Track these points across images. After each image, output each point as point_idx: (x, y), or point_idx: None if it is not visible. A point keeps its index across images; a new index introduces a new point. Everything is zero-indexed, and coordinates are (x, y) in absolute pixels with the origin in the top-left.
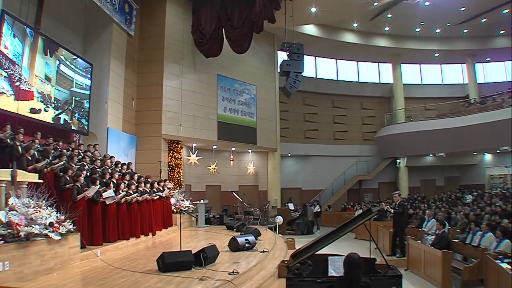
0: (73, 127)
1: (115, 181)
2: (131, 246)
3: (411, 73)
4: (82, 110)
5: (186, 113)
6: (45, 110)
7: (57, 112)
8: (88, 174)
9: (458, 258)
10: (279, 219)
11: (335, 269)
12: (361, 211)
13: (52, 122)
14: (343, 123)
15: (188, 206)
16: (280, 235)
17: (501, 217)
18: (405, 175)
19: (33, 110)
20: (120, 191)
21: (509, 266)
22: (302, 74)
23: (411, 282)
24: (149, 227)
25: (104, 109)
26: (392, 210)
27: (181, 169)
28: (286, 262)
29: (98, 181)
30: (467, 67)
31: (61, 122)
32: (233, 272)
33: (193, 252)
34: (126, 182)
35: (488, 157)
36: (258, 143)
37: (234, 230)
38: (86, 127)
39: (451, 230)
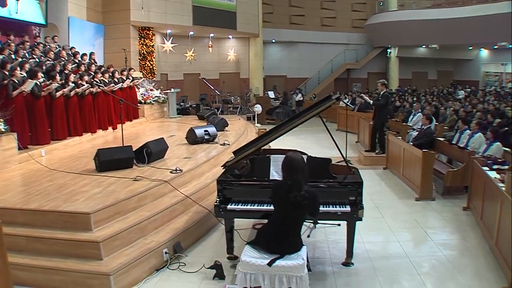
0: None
1: (67, 72)
2: (86, 143)
3: None
4: None
5: None
6: None
7: None
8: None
9: (443, 159)
10: (258, 108)
11: (278, 172)
12: (346, 100)
13: None
14: (331, 9)
15: (158, 96)
16: (259, 124)
17: (493, 116)
18: (395, 66)
19: None
20: (70, 83)
21: (497, 176)
22: None
23: (387, 183)
24: (108, 121)
25: None
26: (372, 101)
27: (154, 57)
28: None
29: (39, 74)
30: None
31: None
32: (175, 170)
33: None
34: (79, 73)
35: (484, 52)
36: (238, 28)
37: (206, 120)
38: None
39: (438, 126)
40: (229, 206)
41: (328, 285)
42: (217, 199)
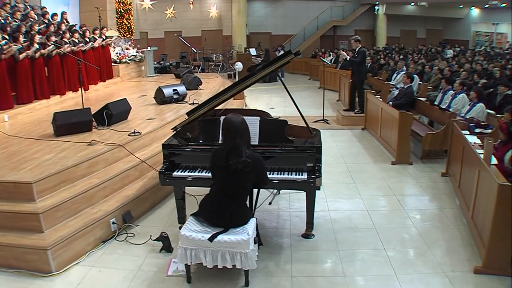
0: None
1: (33, 33)
2: (54, 106)
3: None
4: None
5: None
6: None
7: None
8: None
9: (425, 121)
10: (239, 66)
11: None
12: (330, 57)
13: None
14: None
15: (134, 55)
16: None
17: (480, 76)
18: (383, 24)
19: None
20: (35, 44)
21: (477, 141)
22: None
23: (363, 145)
24: (79, 82)
25: None
26: (349, 58)
27: (131, 16)
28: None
29: None
30: None
31: None
32: (133, 132)
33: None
34: (47, 33)
35: (475, 11)
36: None
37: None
38: None
39: (422, 86)
40: (175, 173)
41: (282, 260)
42: (163, 166)
